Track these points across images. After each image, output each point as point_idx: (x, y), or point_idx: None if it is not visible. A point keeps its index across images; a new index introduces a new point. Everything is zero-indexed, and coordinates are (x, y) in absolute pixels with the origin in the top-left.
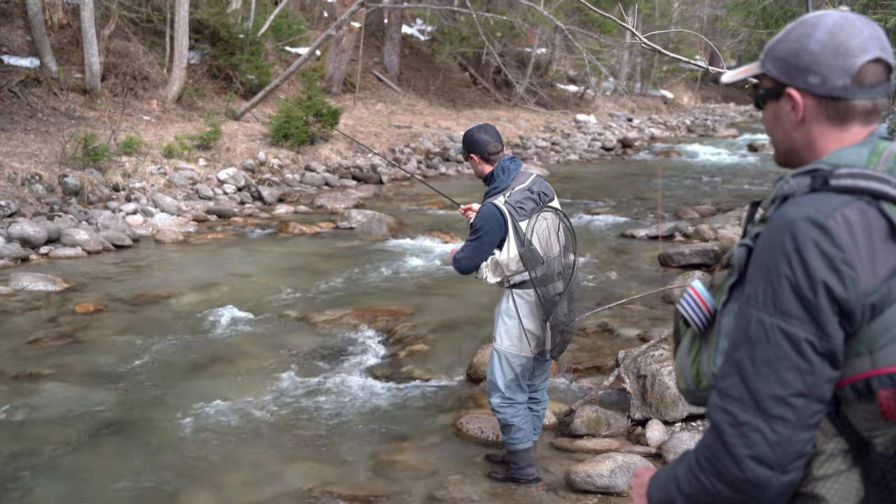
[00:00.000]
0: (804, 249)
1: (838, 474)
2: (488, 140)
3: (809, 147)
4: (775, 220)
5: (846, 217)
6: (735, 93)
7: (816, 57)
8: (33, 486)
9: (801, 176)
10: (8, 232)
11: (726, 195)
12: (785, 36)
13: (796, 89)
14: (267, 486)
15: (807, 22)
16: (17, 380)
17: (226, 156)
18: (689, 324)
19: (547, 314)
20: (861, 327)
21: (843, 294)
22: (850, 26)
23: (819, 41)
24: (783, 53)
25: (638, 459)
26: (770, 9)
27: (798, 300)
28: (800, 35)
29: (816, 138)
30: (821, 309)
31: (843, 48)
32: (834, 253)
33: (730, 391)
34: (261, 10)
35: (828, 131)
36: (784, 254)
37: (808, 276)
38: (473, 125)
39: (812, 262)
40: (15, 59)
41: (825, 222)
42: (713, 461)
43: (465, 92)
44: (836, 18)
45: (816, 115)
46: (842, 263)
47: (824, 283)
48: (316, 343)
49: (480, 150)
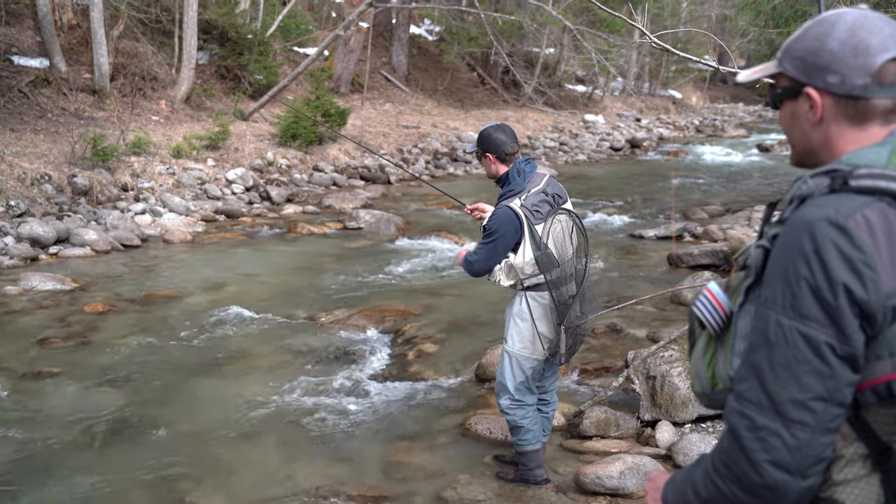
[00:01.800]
0: (824, 251)
1: (858, 479)
2: (505, 140)
3: (828, 147)
4: (793, 222)
5: (866, 218)
6: (744, 93)
7: (836, 55)
8: (41, 484)
9: (820, 176)
10: (18, 232)
11: (735, 196)
12: (803, 34)
13: (815, 88)
14: (275, 485)
15: (825, 20)
16: (27, 378)
17: (234, 156)
18: (704, 326)
19: (561, 317)
20: (882, 330)
21: (864, 296)
22: (871, 24)
23: (838, 39)
24: (801, 52)
25: (647, 461)
26: (780, 8)
27: (818, 303)
28: (818, 33)
29: (835, 138)
30: (841, 312)
31: (862, 46)
32: (854, 255)
33: (747, 395)
34: (269, 10)
35: (847, 131)
36: (803, 256)
37: (827, 279)
38: (490, 124)
39: (832, 264)
40: (25, 60)
41: (845, 223)
42: (731, 466)
43: (474, 92)
44: (856, 16)
45: (835, 114)
46: (862, 265)
47: (845, 286)
48: (324, 343)
49: (497, 150)
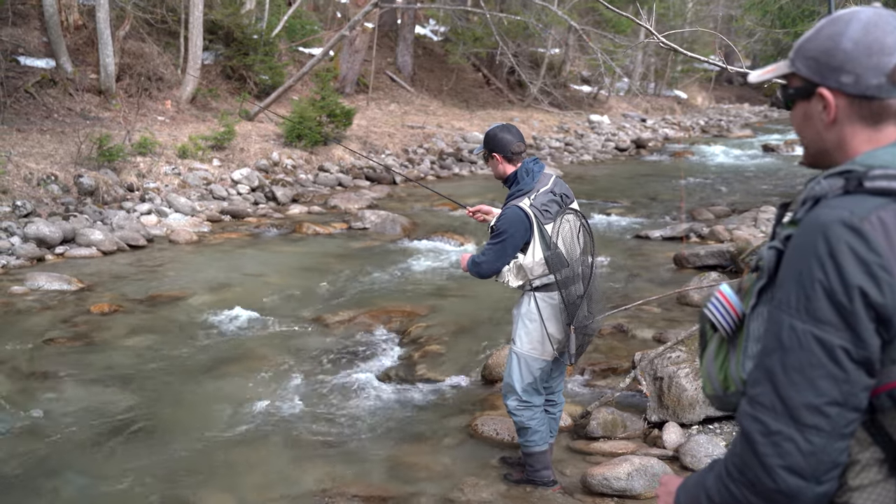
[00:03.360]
0: (838, 254)
1: (874, 484)
2: (512, 140)
3: (841, 148)
4: (807, 223)
5: (882, 220)
6: (749, 93)
7: (850, 55)
8: (47, 485)
9: (834, 177)
10: (24, 232)
11: (741, 196)
12: (816, 34)
13: (828, 89)
14: (281, 486)
15: (839, 19)
16: (32, 379)
17: (239, 156)
18: (716, 328)
19: (570, 317)
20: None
21: (880, 300)
22: (885, 23)
23: (852, 39)
24: (814, 52)
25: (655, 462)
26: (787, 8)
27: (833, 306)
28: (832, 33)
29: (849, 139)
30: (856, 315)
31: (877, 46)
32: (870, 258)
33: (761, 399)
34: (274, 10)
35: (861, 131)
36: (817, 258)
37: (843, 282)
38: (496, 124)
39: (847, 267)
40: (31, 61)
41: (860, 225)
42: (744, 471)
43: (479, 92)
44: (870, 15)
45: (849, 115)
46: (878, 268)
47: (860, 289)
48: (330, 344)
49: (504, 150)
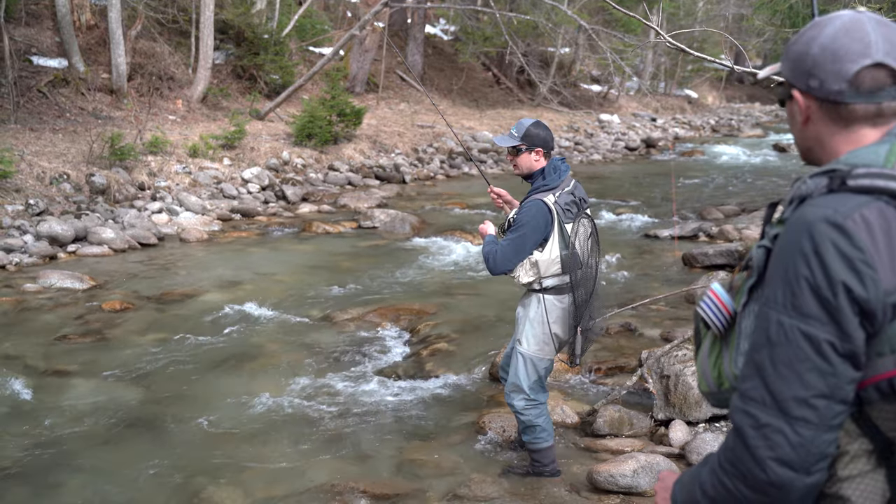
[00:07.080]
0: (823, 251)
1: (863, 475)
2: (550, 136)
3: (822, 147)
4: (793, 222)
5: (865, 217)
6: (760, 92)
7: (816, 60)
8: (59, 480)
9: (819, 176)
10: (36, 230)
11: (751, 196)
12: (798, 37)
13: (800, 91)
14: (290, 482)
15: (819, 23)
16: (46, 375)
17: (250, 155)
18: (709, 326)
19: (578, 319)
20: (883, 327)
21: (864, 294)
22: (857, 29)
23: (821, 45)
24: (793, 55)
25: (661, 460)
26: (796, 7)
27: (818, 301)
28: (809, 37)
29: (826, 139)
30: (841, 310)
31: (841, 52)
32: (853, 254)
33: (751, 393)
34: (285, 10)
35: (836, 133)
36: (803, 255)
37: (827, 277)
38: (528, 120)
39: (831, 264)
40: (44, 60)
41: (844, 223)
42: (736, 464)
43: (489, 92)
44: (845, 21)
45: (821, 116)
46: (861, 264)
47: (844, 284)
48: (339, 341)
49: (546, 145)
